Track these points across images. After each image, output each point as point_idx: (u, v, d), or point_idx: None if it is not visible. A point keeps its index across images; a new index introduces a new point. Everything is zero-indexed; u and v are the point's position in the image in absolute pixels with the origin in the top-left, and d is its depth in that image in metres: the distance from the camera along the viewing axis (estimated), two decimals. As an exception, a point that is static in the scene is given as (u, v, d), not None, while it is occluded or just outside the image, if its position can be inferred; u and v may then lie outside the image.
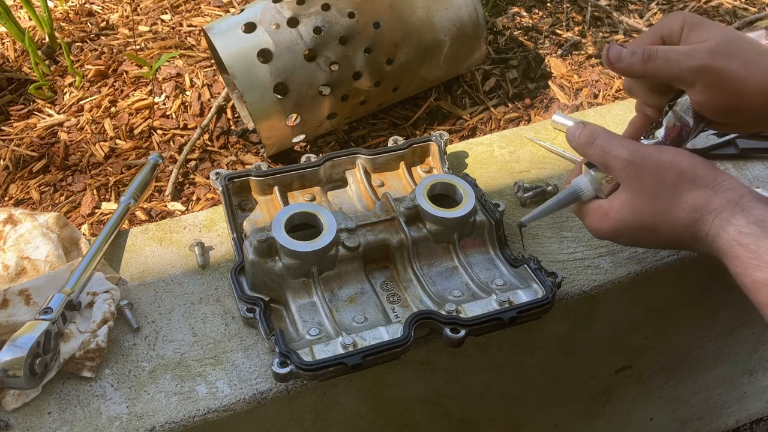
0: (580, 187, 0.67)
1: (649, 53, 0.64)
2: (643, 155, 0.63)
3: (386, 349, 0.62)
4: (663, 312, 0.88)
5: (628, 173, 0.63)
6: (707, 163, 0.63)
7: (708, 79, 0.63)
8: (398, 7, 0.86)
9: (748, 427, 1.37)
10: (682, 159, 0.62)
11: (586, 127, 0.67)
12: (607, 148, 0.65)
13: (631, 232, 0.65)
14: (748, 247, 0.56)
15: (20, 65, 1.06)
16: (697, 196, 0.60)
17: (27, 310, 0.63)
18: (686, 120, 0.67)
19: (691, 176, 0.61)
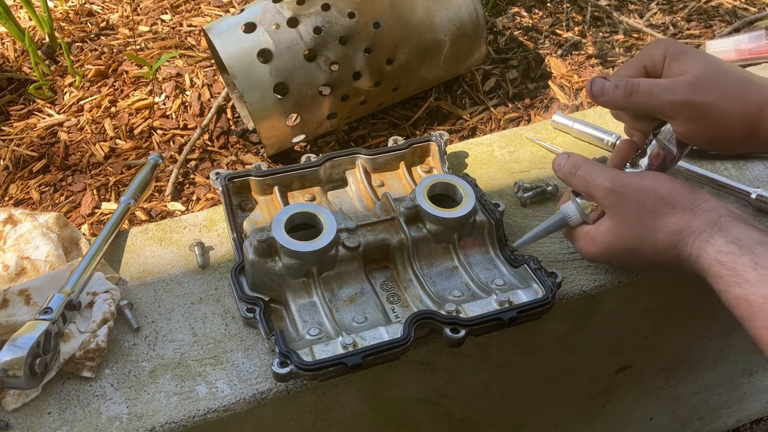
0: (567, 214, 0.71)
1: (631, 88, 0.66)
2: (624, 183, 0.66)
3: (386, 349, 0.62)
4: (663, 312, 0.88)
5: (611, 201, 0.66)
6: (686, 186, 0.65)
7: (689, 112, 0.65)
8: (398, 7, 0.86)
9: (748, 427, 1.37)
10: (661, 184, 0.65)
11: (569, 158, 0.70)
12: (589, 178, 0.68)
13: (618, 255, 0.68)
14: (727, 265, 0.58)
15: (20, 65, 1.06)
16: (676, 219, 0.63)
17: (27, 310, 0.63)
18: (670, 149, 0.69)
19: (670, 201, 0.64)
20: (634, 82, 0.66)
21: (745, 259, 0.57)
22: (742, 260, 0.58)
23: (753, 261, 0.57)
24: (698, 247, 0.61)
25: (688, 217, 0.63)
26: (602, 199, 0.67)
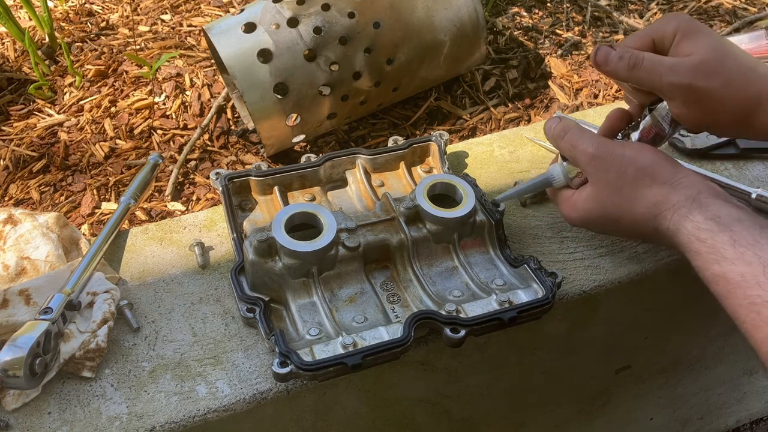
0: (552, 175, 0.72)
1: (635, 61, 0.66)
2: (607, 150, 0.66)
3: (386, 349, 0.62)
4: (663, 312, 0.88)
5: (593, 167, 0.67)
6: (668, 160, 0.65)
7: (688, 96, 0.65)
8: (398, 7, 0.86)
9: (748, 427, 1.37)
10: (643, 155, 0.65)
11: (561, 122, 0.71)
12: (576, 142, 0.68)
13: (597, 221, 0.69)
14: (706, 242, 0.58)
15: (20, 65, 1.06)
16: (656, 192, 0.63)
17: (27, 310, 0.63)
18: (662, 126, 0.69)
19: (651, 172, 0.64)
20: (639, 56, 0.66)
21: (723, 236, 0.57)
22: (721, 237, 0.57)
23: (731, 238, 0.57)
24: (676, 221, 0.61)
25: (668, 190, 0.63)
26: (585, 165, 0.68)
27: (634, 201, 0.64)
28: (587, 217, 0.69)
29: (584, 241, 0.78)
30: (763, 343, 0.53)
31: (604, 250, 0.78)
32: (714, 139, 0.88)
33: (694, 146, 0.88)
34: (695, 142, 0.88)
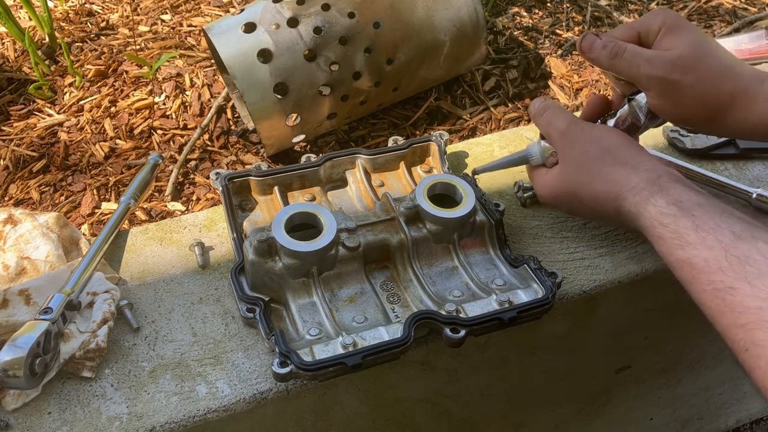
0: (530, 153, 0.75)
1: (616, 51, 0.68)
2: (577, 128, 0.69)
3: (386, 349, 0.62)
4: (663, 312, 0.88)
5: (562, 143, 0.70)
6: (633, 143, 0.68)
7: (662, 88, 0.67)
8: (398, 7, 0.86)
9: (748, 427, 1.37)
10: (609, 136, 0.68)
11: (544, 101, 0.74)
12: (551, 119, 0.71)
13: (563, 199, 0.71)
14: (669, 226, 0.59)
15: (20, 65, 1.06)
16: (616, 171, 0.65)
17: (27, 310, 0.63)
18: (638, 116, 0.71)
19: (614, 152, 0.66)
20: (621, 46, 0.68)
21: (686, 221, 0.58)
22: (684, 222, 0.58)
23: (694, 223, 0.57)
24: (638, 204, 0.62)
25: (628, 171, 0.64)
26: (556, 141, 0.71)
27: (595, 179, 0.66)
28: (554, 194, 0.71)
29: (584, 241, 0.78)
30: (728, 329, 0.53)
31: (604, 250, 0.78)
32: (714, 139, 0.88)
33: (694, 146, 0.88)
34: (695, 142, 0.88)
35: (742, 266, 0.52)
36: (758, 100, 0.65)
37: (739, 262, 0.53)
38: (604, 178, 0.65)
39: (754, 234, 0.54)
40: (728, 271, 0.53)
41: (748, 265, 0.52)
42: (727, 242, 0.54)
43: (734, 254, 0.53)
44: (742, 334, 0.51)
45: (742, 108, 0.65)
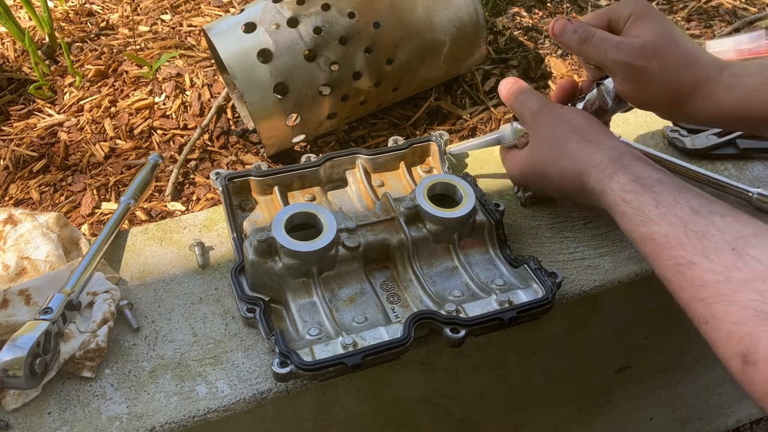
0: (502, 134, 0.78)
1: (585, 36, 0.71)
2: (548, 109, 0.72)
3: (386, 349, 0.62)
4: (663, 312, 0.88)
5: (532, 123, 0.73)
6: (599, 124, 0.70)
7: (628, 74, 0.69)
8: (398, 7, 0.86)
9: (748, 427, 1.37)
10: (576, 116, 0.71)
11: (515, 82, 0.76)
12: (524, 100, 0.74)
13: (532, 178, 0.74)
14: (631, 203, 0.61)
15: (20, 65, 1.06)
16: (580, 148, 0.67)
17: (27, 310, 0.63)
18: (606, 100, 0.74)
19: (579, 130, 0.69)
20: (591, 31, 0.71)
21: (647, 197, 0.60)
22: (645, 198, 0.60)
23: (655, 200, 0.59)
24: (601, 181, 0.64)
25: (592, 149, 0.67)
26: (527, 120, 0.74)
27: (561, 156, 0.69)
28: (524, 172, 0.75)
29: (584, 241, 0.78)
30: (689, 303, 0.54)
31: (604, 250, 0.78)
32: (714, 138, 0.88)
33: (694, 146, 0.88)
34: (695, 142, 0.88)
35: (700, 241, 0.54)
36: (717, 88, 0.67)
37: (697, 237, 0.54)
38: (570, 156, 0.68)
39: (710, 209, 0.56)
40: (687, 246, 0.54)
41: (705, 239, 0.54)
42: (686, 218, 0.56)
43: (693, 229, 0.55)
44: (702, 307, 0.52)
45: (702, 96, 0.67)
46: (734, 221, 0.54)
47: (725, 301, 0.50)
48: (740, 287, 0.50)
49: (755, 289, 0.49)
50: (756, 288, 0.49)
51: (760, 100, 0.66)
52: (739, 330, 0.48)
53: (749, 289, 0.49)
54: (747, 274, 0.50)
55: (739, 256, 0.51)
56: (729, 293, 0.50)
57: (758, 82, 0.66)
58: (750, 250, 0.51)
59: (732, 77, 0.67)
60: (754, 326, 0.47)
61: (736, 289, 0.50)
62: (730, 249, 0.52)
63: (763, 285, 0.49)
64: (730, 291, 0.50)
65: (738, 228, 0.53)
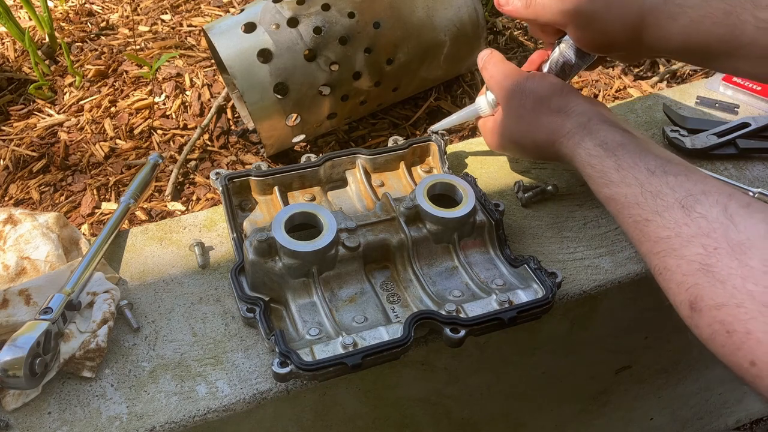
0: (479, 106, 0.81)
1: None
2: (512, 81, 0.75)
3: (386, 349, 0.62)
4: (663, 312, 0.88)
5: (501, 96, 0.76)
6: (564, 89, 0.73)
7: (576, 21, 0.71)
8: (398, 7, 0.86)
9: (748, 427, 1.37)
10: (541, 86, 0.73)
11: (491, 54, 0.79)
12: (493, 72, 0.77)
13: (508, 146, 0.78)
14: (596, 167, 0.65)
15: (20, 65, 1.06)
16: (551, 120, 0.71)
17: (27, 310, 0.63)
18: (568, 55, 0.75)
19: (547, 101, 0.72)
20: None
21: (609, 161, 0.64)
22: (608, 162, 0.64)
23: (616, 163, 0.63)
24: (571, 148, 0.68)
25: (561, 119, 0.70)
26: (497, 93, 0.77)
27: (534, 129, 0.72)
28: (500, 142, 0.78)
29: (584, 241, 0.78)
30: (647, 255, 0.59)
31: (604, 250, 0.78)
32: (714, 139, 0.88)
33: (694, 146, 0.88)
34: (695, 142, 0.88)
35: (654, 200, 0.58)
36: (663, 17, 0.69)
37: (652, 196, 0.58)
38: (542, 128, 0.71)
39: (665, 169, 0.60)
40: (644, 205, 0.59)
41: (659, 198, 0.58)
42: (642, 179, 0.60)
43: (648, 189, 0.59)
44: (657, 260, 0.57)
45: (652, 26, 0.69)
46: (686, 180, 0.58)
47: (676, 255, 0.54)
48: (688, 242, 0.54)
49: (701, 243, 0.53)
50: (702, 243, 0.52)
51: (701, 32, 0.68)
52: (687, 281, 0.53)
53: (696, 244, 0.53)
54: (693, 230, 0.54)
55: (687, 213, 0.55)
56: (678, 248, 0.54)
57: (700, 15, 0.67)
58: (697, 207, 0.55)
59: (676, 7, 0.69)
60: (700, 278, 0.52)
61: (684, 244, 0.54)
62: (680, 207, 0.56)
63: (707, 240, 0.52)
64: (679, 245, 0.54)
65: (688, 186, 0.57)
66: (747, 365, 0.48)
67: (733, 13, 0.66)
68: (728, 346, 0.49)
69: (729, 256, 0.50)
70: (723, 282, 0.50)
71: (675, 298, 0.55)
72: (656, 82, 1.08)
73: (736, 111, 0.96)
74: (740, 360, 0.49)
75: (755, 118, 0.91)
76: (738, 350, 0.49)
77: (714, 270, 0.51)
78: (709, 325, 0.51)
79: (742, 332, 0.48)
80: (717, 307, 0.50)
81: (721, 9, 0.67)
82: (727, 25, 0.66)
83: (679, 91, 1.01)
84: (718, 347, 0.51)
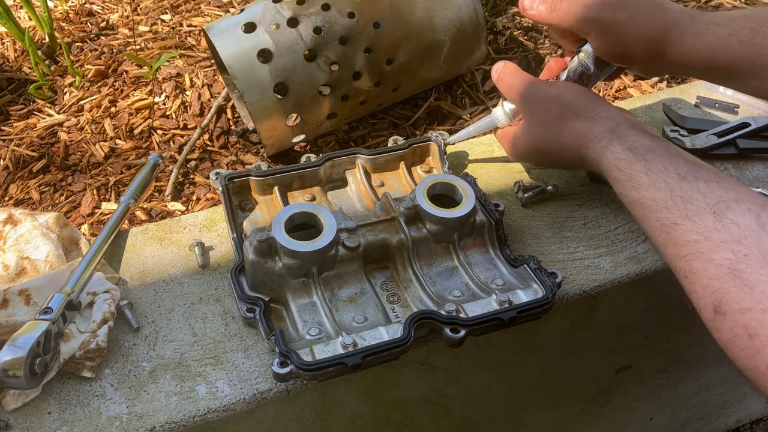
0: (496, 117, 0.81)
1: (554, 4, 0.73)
2: (535, 90, 0.74)
3: (386, 349, 0.62)
4: (663, 312, 0.88)
5: (524, 105, 0.76)
6: (590, 96, 0.72)
7: (599, 29, 0.71)
8: (398, 7, 0.86)
9: (748, 427, 1.37)
10: (566, 93, 0.73)
11: (506, 66, 0.78)
12: (512, 82, 0.76)
13: (532, 153, 0.78)
14: (624, 170, 0.65)
15: (20, 65, 1.06)
16: (579, 125, 0.70)
17: (27, 310, 0.63)
18: (587, 65, 0.75)
19: (574, 108, 0.71)
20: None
21: (638, 165, 0.63)
22: (636, 166, 0.64)
23: (645, 167, 0.63)
24: (598, 152, 0.68)
25: (589, 124, 0.69)
26: (518, 103, 0.76)
27: (561, 134, 0.72)
28: (523, 152, 0.78)
29: (584, 241, 0.78)
30: (672, 259, 0.58)
31: (604, 250, 0.78)
32: (714, 139, 0.88)
33: (694, 146, 0.88)
34: (695, 142, 0.88)
35: (684, 205, 0.58)
36: (689, 33, 0.69)
37: (682, 201, 0.58)
38: (569, 133, 0.71)
39: (696, 175, 0.60)
40: (673, 209, 0.59)
41: (689, 203, 0.58)
42: (673, 183, 0.60)
43: (678, 194, 0.59)
44: (683, 263, 0.56)
45: (676, 41, 0.69)
46: (717, 186, 0.58)
47: (703, 258, 0.54)
48: (717, 247, 0.54)
49: (731, 249, 0.52)
50: (732, 248, 0.52)
51: (727, 49, 0.68)
52: (713, 284, 0.53)
53: (725, 249, 0.53)
54: (724, 235, 0.54)
55: (718, 219, 0.55)
56: (707, 251, 0.54)
57: (726, 33, 0.68)
58: (729, 213, 0.54)
59: (702, 24, 0.69)
60: (727, 282, 0.52)
61: (714, 249, 0.54)
62: (711, 212, 0.55)
63: (737, 246, 0.52)
64: (708, 249, 0.54)
65: (720, 193, 0.57)
66: (764, 368, 0.48)
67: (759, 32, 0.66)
68: (747, 350, 0.50)
69: (760, 264, 0.50)
70: (751, 287, 0.50)
71: (699, 301, 0.55)
72: (656, 82, 1.08)
73: (736, 111, 0.96)
74: (758, 363, 0.49)
75: (755, 118, 0.91)
76: (757, 353, 0.49)
77: (743, 275, 0.51)
78: (731, 329, 0.51)
79: (765, 336, 0.48)
80: (742, 311, 0.50)
81: (747, 27, 0.67)
82: (753, 44, 0.67)
83: (679, 91, 1.01)
84: (737, 350, 0.51)
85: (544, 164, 0.83)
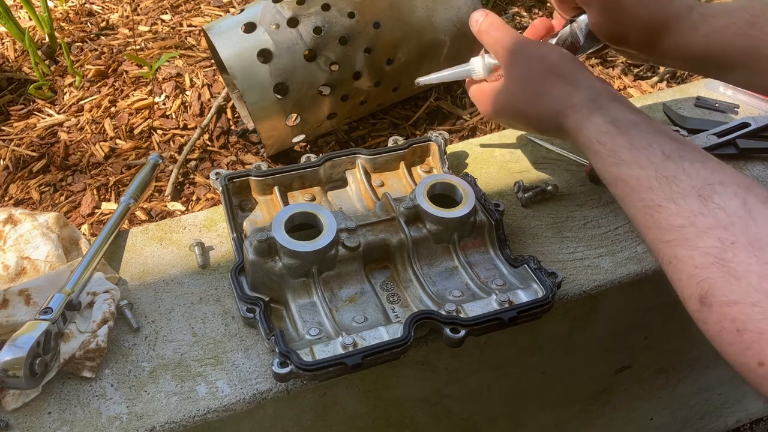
0: (473, 67, 0.76)
1: None
2: (521, 46, 0.70)
3: (386, 349, 0.62)
4: (663, 312, 0.88)
5: (506, 60, 0.71)
6: (575, 61, 0.69)
7: (603, 4, 0.69)
8: (398, 7, 0.86)
9: (748, 427, 1.37)
10: (551, 54, 0.69)
11: (488, 16, 0.74)
12: (497, 36, 0.72)
13: (507, 114, 0.73)
14: (606, 145, 0.61)
15: (20, 65, 1.06)
16: (558, 89, 0.67)
17: (27, 310, 0.63)
18: (578, 37, 0.74)
19: (556, 70, 0.68)
20: None
21: (621, 139, 0.60)
22: (619, 141, 0.60)
23: (629, 142, 0.59)
24: (578, 122, 0.64)
25: (569, 89, 0.66)
26: (501, 58, 0.72)
27: (539, 96, 0.68)
28: (498, 110, 0.73)
29: (584, 241, 0.78)
30: (655, 243, 0.56)
31: (604, 250, 0.78)
32: (714, 138, 0.88)
33: (694, 146, 0.88)
34: (695, 142, 0.88)
35: (669, 186, 0.55)
36: (685, 26, 0.68)
37: (667, 181, 0.55)
38: (548, 96, 0.67)
39: (681, 153, 0.57)
40: (657, 190, 0.56)
41: (674, 185, 0.55)
42: (657, 162, 0.57)
43: (663, 174, 0.56)
44: (667, 249, 0.54)
45: (672, 32, 0.68)
46: (702, 167, 0.55)
47: (689, 245, 0.52)
48: (703, 233, 0.51)
49: (717, 236, 0.50)
50: (718, 235, 0.50)
51: (721, 42, 0.67)
52: (699, 273, 0.51)
53: (711, 236, 0.51)
54: (710, 221, 0.51)
55: (704, 203, 0.52)
56: (692, 238, 0.52)
57: (722, 24, 0.67)
58: (715, 197, 0.52)
59: (699, 16, 0.68)
60: (713, 272, 0.50)
61: (699, 235, 0.51)
62: (697, 195, 0.53)
63: (724, 233, 0.50)
64: (693, 236, 0.52)
65: (705, 174, 0.54)
66: (755, 365, 0.46)
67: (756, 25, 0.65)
68: (737, 345, 0.48)
69: (747, 252, 0.48)
70: (738, 278, 0.48)
71: (684, 291, 0.53)
72: (656, 82, 1.08)
73: (736, 111, 0.96)
74: (748, 360, 0.47)
75: (755, 118, 0.91)
76: (747, 350, 0.47)
77: (730, 265, 0.49)
78: (719, 322, 0.49)
79: (755, 332, 0.46)
80: (729, 304, 0.48)
81: (743, 20, 0.66)
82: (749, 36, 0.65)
83: (679, 91, 1.01)
84: (725, 345, 0.49)
85: (519, 127, 0.79)
